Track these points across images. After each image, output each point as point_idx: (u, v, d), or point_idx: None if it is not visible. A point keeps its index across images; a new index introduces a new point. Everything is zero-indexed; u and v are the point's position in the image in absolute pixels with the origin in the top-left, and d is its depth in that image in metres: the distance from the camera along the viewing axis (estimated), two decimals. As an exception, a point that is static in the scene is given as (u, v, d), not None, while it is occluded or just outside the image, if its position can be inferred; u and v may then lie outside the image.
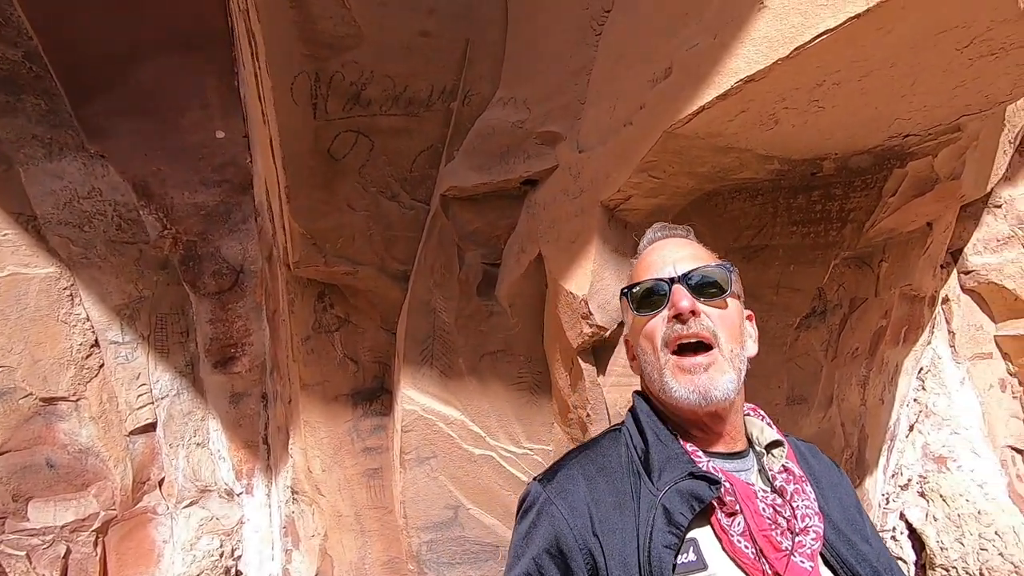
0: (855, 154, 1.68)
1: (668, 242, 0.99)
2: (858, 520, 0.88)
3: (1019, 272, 2.80)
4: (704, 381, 0.83)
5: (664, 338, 0.86)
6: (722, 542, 0.78)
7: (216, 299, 2.81)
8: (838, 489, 0.91)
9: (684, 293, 0.86)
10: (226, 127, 2.76)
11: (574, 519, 0.81)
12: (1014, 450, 2.90)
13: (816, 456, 0.95)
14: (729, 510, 0.79)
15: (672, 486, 0.79)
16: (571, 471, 0.87)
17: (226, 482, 2.78)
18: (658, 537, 0.76)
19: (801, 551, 0.77)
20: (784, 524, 0.79)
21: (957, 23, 1.15)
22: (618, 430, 0.93)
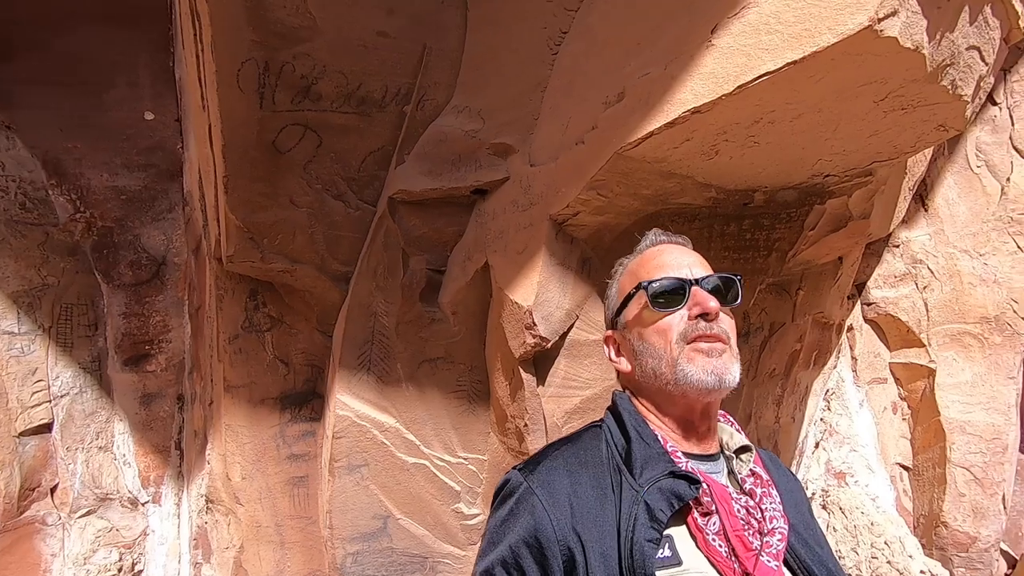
0: (783, 188, 1.82)
1: (673, 247, 1.01)
2: (812, 525, 0.94)
3: (911, 307, 3.12)
4: (720, 364, 0.86)
5: (683, 333, 0.88)
6: (697, 540, 0.81)
7: (132, 291, 2.61)
8: (795, 495, 0.97)
9: (708, 294, 0.89)
10: (156, 108, 2.59)
11: (555, 511, 0.81)
12: (902, 467, 3.20)
13: (775, 463, 1.01)
14: (705, 510, 0.82)
15: (653, 483, 0.81)
16: (554, 463, 0.87)
17: (130, 490, 2.56)
18: (641, 532, 0.78)
19: (768, 551, 0.81)
20: (755, 525, 0.83)
21: (876, 78, 1.29)
22: (598, 426, 0.94)
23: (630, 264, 1.02)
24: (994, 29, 1.41)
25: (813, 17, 1.20)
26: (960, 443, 2.96)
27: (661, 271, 0.93)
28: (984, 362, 2.97)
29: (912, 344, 3.13)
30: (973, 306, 2.98)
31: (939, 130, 1.56)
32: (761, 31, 1.27)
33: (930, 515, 3.06)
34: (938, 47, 1.27)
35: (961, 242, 3.02)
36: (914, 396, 3.16)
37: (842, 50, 1.19)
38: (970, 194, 3.02)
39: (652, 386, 0.91)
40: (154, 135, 2.61)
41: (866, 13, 1.14)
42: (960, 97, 1.42)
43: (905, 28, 1.18)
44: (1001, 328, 2.94)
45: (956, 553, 2.97)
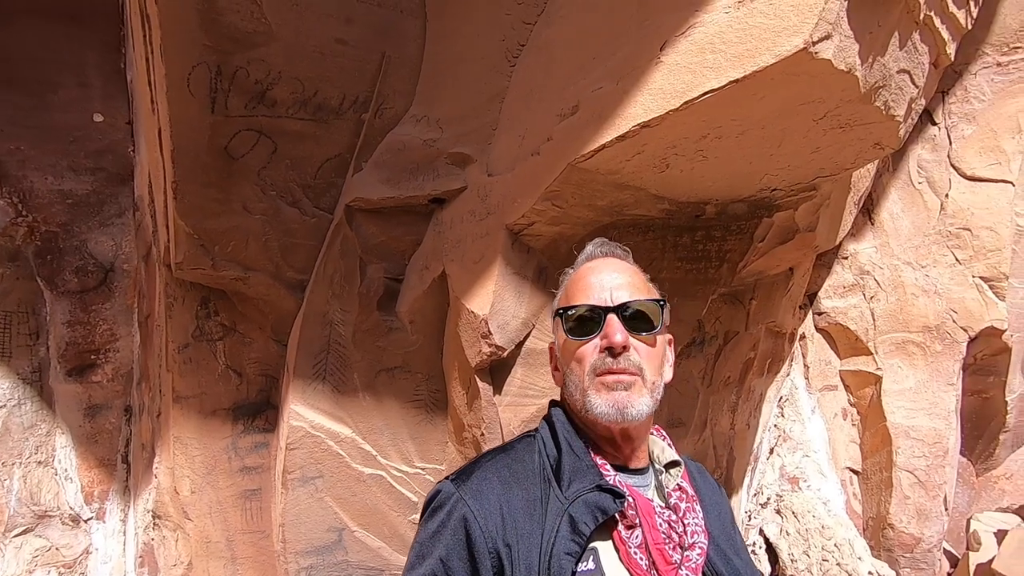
0: (733, 201, 1.88)
1: (607, 263, 0.98)
2: (733, 536, 0.97)
3: (859, 316, 3.24)
4: (623, 398, 0.86)
5: (593, 366, 0.88)
6: (620, 553, 0.82)
7: (78, 298, 2.51)
8: (719, 507, 0.99)
9: (618, 326, 0.88)
10: (106, 110, 2.51)
11: (486, 522, 0.81)
12: (851, 471, 3.31)
13: (703, 475, 1.03)
14: (629, 523, 0.84)
15: (579, 496, 0.82)
16: (486, 473, 0.87)
17: (72, 506, 2.45)
18: (561, 544, 0.78)
19: (688, 565, 0.83)
20: (676, 539, 0.85)
21: (814, 98, 1.35)
22: (532, 436, 0.94)
23: (570, 278, 1.00)
24: (923, 54, 1.49)
25: (754, 38, 1.25)
26: (905, 447, 3.09)
27: (581, 295, 0.92)
28: (926, 369, 3.10)
29: (860, 352, 3.25)
30: (916, 316, 3.12)
31: (876, 148, 1.64)
32: (706, 50, 1.32)
33: (878, 517, 3.17)
34: (871, 70, 1.33)
35: (904, 254, 3.17)
36: (863, 402, 3.28)
37: (781, 70, 1.24)
38: (912, 209, 3.17)
39: (571, 405, 0.93)
40: (104, 138, 2.52)
41: (802, 36, 1.19)
42: (893, 117, 1.49)
43: (839, 51, 1.24)
44: (942, 337, 3.08)
45: (902, 554, 3.08)
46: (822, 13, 1.17)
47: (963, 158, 3.07)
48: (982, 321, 3.01)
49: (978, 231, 3.04)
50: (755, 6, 1.24)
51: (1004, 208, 3.00)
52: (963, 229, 3.06)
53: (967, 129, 3.07)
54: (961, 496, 3.34)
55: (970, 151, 3.06)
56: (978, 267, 3.03)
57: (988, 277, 3.02)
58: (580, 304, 0.91)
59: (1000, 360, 3.14)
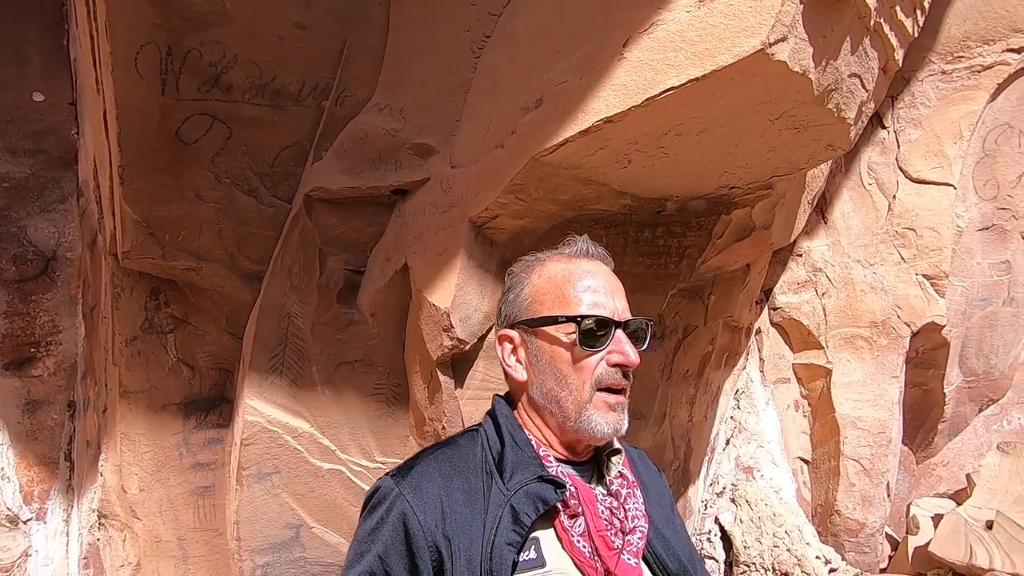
0: (692, 198, 1.92)
1: (601, 268, 0.95)
2: (672, 518, 1.00)
3: (812, 311, 3.37)
4: (619, 418, 0.89)
5: (600, 378, 0.87)
6: (562, 542, 0.83)
7: (16, 288, 2.38)
8: (659, 490, 1.02)
9: (632, 346, 0.88)
10: (47, 90, 2.38)
11: (425, 516, 0.81)
12: (802, 460, 3.44)
13: (644, 461, 1.06)
14: (572, 512, 0.85)
15: (521, 488, 0.83)
16: (427, 468, 0.86)
17: (9, 507, 2.32)
18: (502, 535, 0.79)
19: (629, 549, 0.85)
20: (618, 525, 0.86)
21: (770, 99, 1.38)
22: (476, 430, 0.94)
23: (554, 271, 0.94)
24: (873, 59, 1.54)
25: (714, 38, 1.27)
26: (852, 437, 3.23)
27: (593, 305, 0.89)
28: (872, 363, 3.24)
29: (812, 346, 3.38)
30: (864, 311, 3.25)
31: (828, 149, 1.70)
32: (668, 48, 1.33)
33: (825, 504, 3.31)
34: (824, 73, 1.38)
35: (855, 252, 3.30)
36: (813, 395, 3.41)
37: (739, 70, 1.27)
38: (862, 209, 3.30)
39: (547, 408, 0.91)
40: (44, 118, 2.38)
41: (759, 37, 1.22)
42: (844, 120, 1.54)
43: (794, 53, 1.27)
44: (887, 332, 3.22)
45: (847, 538, 3.22)
46: (778, 15, 1.20)
47: (909, 161, 3.21)
48: (924, 317, 3.16)
49: (922, 231, 3.19)
50: (715, 6, 1.26)
51: (946, 209, 3.15)
52: (908, 229, 3.20)
53: (914, 133, 3.21)
54: (902, 483, 3.52)
55: (916, 154, 3.21)
56: (921, 265, 3.18)
57: (930, 275, 3.17)
58: (594, 314, 0.88)
59: (939, 354, 3.31)
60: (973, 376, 3.46)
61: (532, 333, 0.92)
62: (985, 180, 3.26)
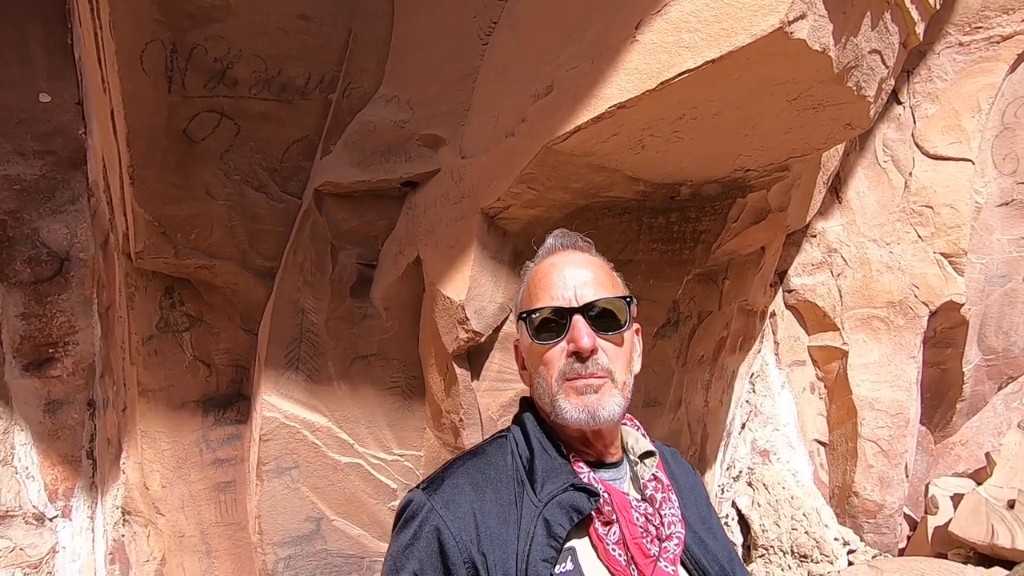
0: (707, 183, 1.89)
1: (569, 257, 0.92)
2: (709, 518, 0.97)
3: (827, 293, 3.33)
4: (593, 401, 0.84)
5: (561, 372, 0.86)
6: (598, 551, 0.81)
7: (31, 290, 2.39)
8: (694, 491, 0.99)
9: (586, 329, 0.85)
10: (53, 90, 2.37)
11: (459, 531, 0.79)
12: (819, 443, 3.42)
13: (677, 460, 1.03)
14: (606, 519, 0.83)
15: (553, 498, 0.81)
16: (458, 480, 0.85)
17: (35, 505, 2.36)
18: (537, 551, 0.77)
19: (666, 556, 0.83)
20: (654, 532, 0.84)
21: (788, 78, 1.34)
22: (504, 437, 0.92)
23: (532, 272, 0.94)
24: (893, 34, 1.50)
25: (730, 17, 1.24)
26: (869, 419, 3.20)
27: (544, 293, 0.88)
28: (890, 343, 3.21)
29: (828, 328, 3.34)
30: (880, 292, 3.21)
31: (847, 128, 1.65)
32: (682, 29, 1.30)
33: (843, 486, 3.29)
34: (843, 50, 1.34)
35: (870, 232, 3.24)
36: (829, 376, 3.38)
37: (756, 50, 1.23)
38: (878, 187, 3.24)
39: (543, 408, 0.90)
40: (51, 119, 2.38)
41: (777, 15, 1.18)
42: (864, 98, 1.50)
43: (813, 31, 1.23)
44: (904, 312, 3.18)
45: (866, 520, 3.22)
46: (797, -8, 1.16)
47: (926, 137, 3.14)
48: (942, 296, 3.12)
49: (939, 208, 3.13)
50: (731, -16, 1.23)
51: (964, 186, 3.09)
52: (925, 207, 3.14)
53: (930, 108, 3.13)
54: (920, 463, 3.49)
55: (933, 130, 3.14)
56: (939, 243, 3.12)
57: (948, 253, 3.12)
58: (544, 306, 0.87)
59: (958, 333, 3.26)
60: (992, 354, 3.41)
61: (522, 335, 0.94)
62: (1004, 154, 3.19)
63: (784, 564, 2.86)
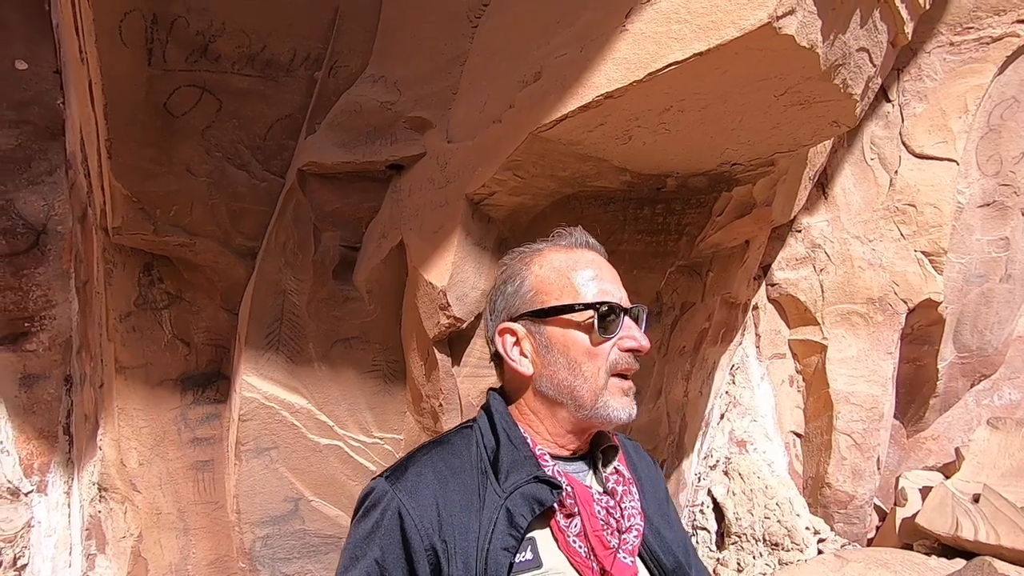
0: (694, 175, 1.89)
1: (600, 259, 0.95)
2: (667, 510, 1.00)
3: (809, 288, 3.36)
4: (633, 404, 0.91)
5: (614, 364, 0.88)
6: (559, 542, 0.83)
7: (7, 262, 2.35)
8: (654, 483, 1.02)
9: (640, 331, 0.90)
10: (30, 57, 2.30)
11: (421, 519, 0.80)
12: (795, 434, 3.49)
13: (639, 453, 1.05)
14: (568, 512, 0.84)
15: (516, 489, 0.82)
16: (421, 469, 0.85)
17: (10, 480, 2.34)
18: (498, 539, 0.79)
19: (625, 548, 0.85)
20: (614, 524, 0.86)
21: (775, 74, 1.34)
22: (469, 427, 0.93)
23: (557, 261, 0.93)
24: (882, 33, 1.50)
25: (719, 10, 1.23)
26: (844, 412, 3.27)
27: (604, 293, 0.90)
28: (868, 339, 3.26)
29: (808, 322, 3.39)
30: (861, 288, 3.25)
31: (833, 125, 1.66)
32: (672, 19, 1.29)
33: (816, 477, 3.37)
34: (831, 47, 1.34)
35: (854, 228, 3.28)
36: (808, 370, 3.43)
37: (744, 44, 1.23)
38: (864, 184, 3.27)
39: (556, 401, 0.90)
40: (28, 88, 2.31)
41: (766, 10, 1.18)
42: (851, 95, 1.51)
43: (801, 27, 1.23)
44: (883, 308, 3.23)
45: (837, 510, 3.30)
46: (787, -13, 1.16)
47: (913, 136, 3.17)
48: (921, 294, 3.17)
49: (922, 207, 3.16)
50: (722, -25, 1.22)
51: (948, 186, 3.12)
52: (909, 205, 3.18)
53: (918, 107, 3.15)
54: (892, 456, 3.58)
55: (920, 129, 3.16)
56: (920, 242, 3.17)
57: (929, 252, 3.16)
58: (607, 302, 0.88)
59: (935, 330, 3.33)
60: (967, 352, 3.48)
61: (541, 324, 0.90)
62: (988, 156, 3.22)
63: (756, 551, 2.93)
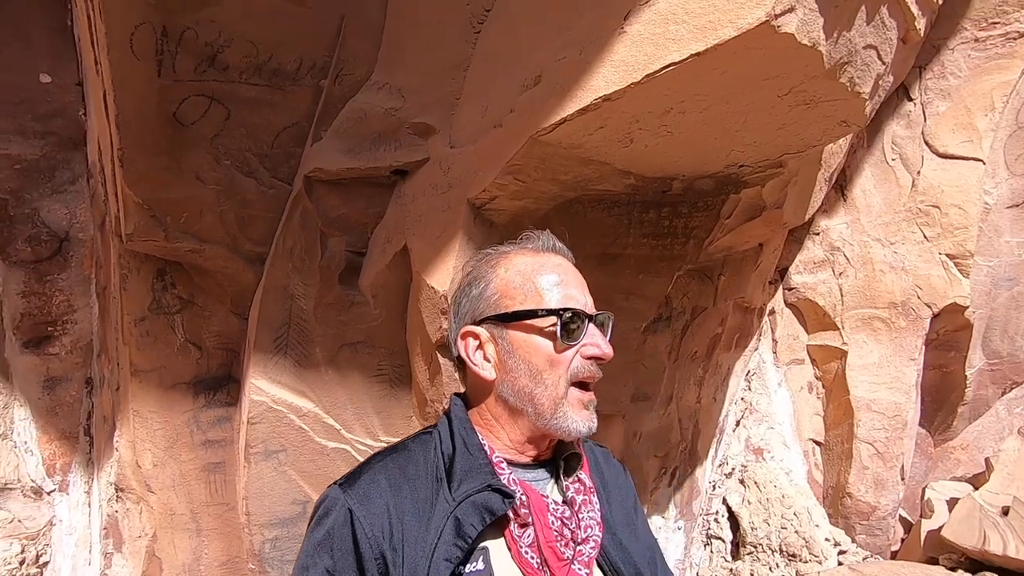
0: (699, 177, 1.86)
1: (567, 264, 0.93)
2: (633, 519, 0.98)
3: (828, 291, 3.28)
4: (593, 417, 0.88)
5: (575, 372, 0.86)
6: (512, 552, 0.82)
7: (32, 268, 2.43)
8: (622, 491, 0.99)
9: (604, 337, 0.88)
10: (54, 70, 2.38)
11: (372, 527, 0.79)
12: (814, 442, 3.40)
13: (608, 460, 1.03)
14: (522, 521, 0.83)
15: (467, 497, 0.81)
16: (375, 476, 0.84)
17: (33, 479, 2.42)
18: (442, 548, 0.78)
19: (580, 559, 0.83)
20: (568, 535, 0.85)
21: (777, 73, 1.31)
22: (429, 433, 0.92)
23: (522, 264, 0.91)
24: (891, 29, 1.45)
25: (716, 9, 1.21)
26: (866, 420, 3.17)
27: (569, 299, 0.87)
28: (890, 344, 3.16)
29: (828, 327, 3.30)
30: (883, 292, 3.16)
31: (842, 125, 1.62)
32: (669, 20, 1.27)
33: (837, 487, 3.27)
34: (836, 45, 1.30)
35: (875, 231, 3.19)
36: (828, 376, 3.34)
37: (742, 44, 1.21)
38: (885, 185, 3.18)
39: (516, 408, 0.88)
40: (52, 100, 2.40)
41: (764, 8, 1.15)
42: (859, 94, 1.47)
43: (802, 25, 1.20)
44: (906, 313, 3.13)
45: (858, 521, 3.20)
46: (785, -16, 1.13)
47: (936, 135, 3.07)
48: (946, 298, 3.06)
49: (947, 209, 3.06)
50: (718, -26, 1.20)
51: (973, 186, 3.02)
52: (932, 207, 3.08)
53: (942, 106, 3.06)
54: (918, 465, 3.46)
55: (944, 128, 3.06)
56: (945, 244, 3.06)
57: (954, 254, 3.06)
58: (571, 308, 0.87)
59: (962, 336, 3.21)
60: (997, 358, 3.35)
61: (504, 328, 0.89)
62: (1017, 154, 3.11)
63: (772, 563, 2.86)
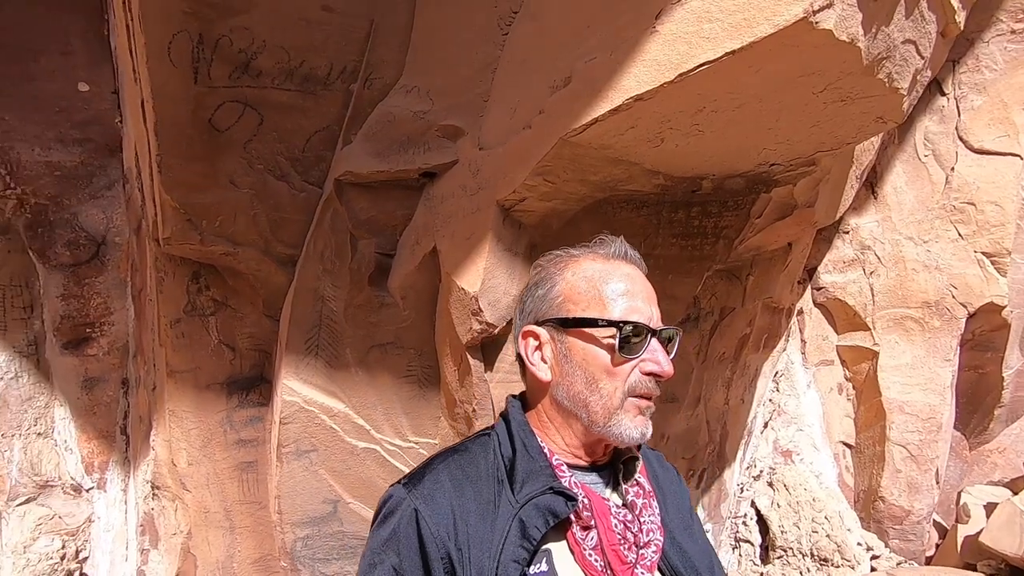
0: (730, 177, 1.84)
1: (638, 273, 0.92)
2: (690, 524, 0.97)
3: (858, 291, 3.22)
4: (648, 423, 0.88)
5: (633, 386, 0.86)
6: (575, 554, 0.82)
7: (71, 272, 2.50)
8: (677, 497, 0.99)
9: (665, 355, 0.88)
10: (92, 79, 2.45)
11: (438, 526, 0.80)
12: (845, 445, 3.33)
13: (662, 465, 1.03)
14: (584, 524, 0.83)
15: (531, 499, 0.81)
16: (438, 476, 0.85)
17: (73, 476, 2.49)
18: (509, 550, 0.78)
19: (643, 563, 0.83)
20: (632, 539, 0.84)
21: (813, 70, 1.29)
22: (487, 435, 0.93)
23: (590, 270, 0.90)
24: (930, 23, 1.42)
25: (752, 6, 1.20)
26: (899, 422, 3.10)
27: (633, 311, 0.86)
28: (924, 345, 3.09)
29: (858, 327, 3.24)
30: (915, 291, 3.09)
31: (878, 122, 1.59)
32: (703, 19, 1.26)
33: (869, 490, 3.21)
34: (874, 40, 1.28)
35: (907, 229, 3.12)
36: (858, 377, 3.28)
37: (779, 41, 1.19)
38: (917, 182, 3.11)
39: (570, 412, 0.88)
40: (90, 107, 2.47)
41: (801, 5, 1.14)
42: (897, 90, 1.44)
43: (840, 21, 1.18)
44: (940, 313, 3.06)
45: (891, 526, 3.13)
46: (823, -21, 1.12)
47: (971, 130, 3.00)
48: (982, 297, 2.98)
49: (983, 206, 2.98)
50: (754, -29, 1.18)
51: (1011, 182, 2.94)
52: (967, 203, 3.00)
53: (977, 100, 2.98)
54: (953, 469, 3.37)
55: (979, 123, 2.98)
56: (981, 242, 2.98)
57: (990, 252, 2.98)
58: (635, 321, 0.85)
59: (998, 336, 3.12)
60: (1035, 359, 3.26)
61: (564, 332, 0.89)
62: (1057, 149, 3.01)
63: (803, 567, 2.81)
